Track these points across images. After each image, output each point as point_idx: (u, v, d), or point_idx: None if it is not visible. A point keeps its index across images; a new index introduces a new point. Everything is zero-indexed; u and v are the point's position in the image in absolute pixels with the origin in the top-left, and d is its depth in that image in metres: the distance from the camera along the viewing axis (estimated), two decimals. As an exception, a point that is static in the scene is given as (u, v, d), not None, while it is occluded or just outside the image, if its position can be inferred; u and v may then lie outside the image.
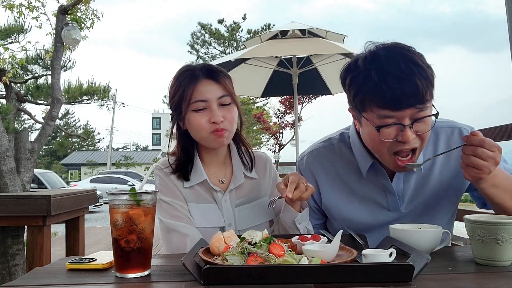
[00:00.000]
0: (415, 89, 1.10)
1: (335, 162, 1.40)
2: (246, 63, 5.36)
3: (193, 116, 1.33)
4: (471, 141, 1.10)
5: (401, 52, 1.15)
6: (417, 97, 1.11)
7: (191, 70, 1.37)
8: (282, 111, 18.52)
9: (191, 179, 1.39)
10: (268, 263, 0.91)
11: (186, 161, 1.40)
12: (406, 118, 1.14)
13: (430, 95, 1.13)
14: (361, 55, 1.20)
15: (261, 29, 21.07)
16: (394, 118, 1.14)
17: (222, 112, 1.33)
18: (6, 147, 3.62)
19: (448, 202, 1.38)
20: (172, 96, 1.38)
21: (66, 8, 4.33)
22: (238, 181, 1.42)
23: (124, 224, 0.96)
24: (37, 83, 5.11)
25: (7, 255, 3.50)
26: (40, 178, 12.65)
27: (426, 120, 1.16)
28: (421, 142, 1.20)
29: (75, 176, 36.64)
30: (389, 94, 1.11)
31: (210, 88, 1.34)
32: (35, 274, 1.01)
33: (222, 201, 1.39)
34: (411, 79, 1.10)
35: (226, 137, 1.35)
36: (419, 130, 1.16)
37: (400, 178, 1.33)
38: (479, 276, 0.93)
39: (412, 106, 1.12)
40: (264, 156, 1.53)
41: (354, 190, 1.37)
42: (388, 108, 1.13)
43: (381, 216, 1.36)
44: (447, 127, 1.36)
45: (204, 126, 1.32)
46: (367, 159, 1.33)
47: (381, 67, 1.13)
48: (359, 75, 1.17)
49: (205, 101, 1.32)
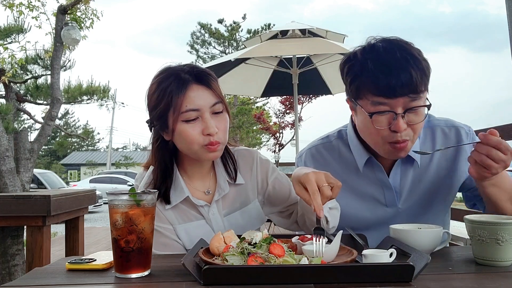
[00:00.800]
0: (409, 78, 1.12)
1: (332, 159, 1.41)
2: (246, 63, 5.37)
3: (184, 127, 1.19)
4: (488, 140, 1.08)
5: (399, 44, 1.18)
6: (411, 86, 1.13)
7: (177, 73, 1.21)
8: (282, 111, 18.54)
9: (171, 199, 1.27)
10: (268, 263, 0.91)
11: (165, 178, 1.27)
12: (399, 107, 1.16)
13: (424, 86, 1.15)
14: (360, 47, 1.24)
15: (261, 29, 21.07)
16: (387, 106, 1.16)
17: (215, 121, 1.21)
18: (5, 147, 3.62)
19: (442, 201, 1.38)
20: (155, 104, 1.21)
21: (66, 7, 4.33)
22: (223, 191, 1.32)
23: (123, 224, 0.96)
24: (37, 83, 5.11)
25: (7, 255, 3.50)
26: (39, 178, 12.65)
27: (418, 111, 1.18)
28: (413, 134, 1.20)
29: (74, 176, 36.63)
30: (384, 81, 1.14)
31: (201, 94, 1.20)
32: (35, 274, 1.01)
33: (209, 215, 1.31)
34: (406, 69, 1.13)
35: (220, 149, 1.24)
36: (411, 120, 1.18)
37: (397, 173, 1.34)
38: (479, 276, 0.93)
39: (405, 95, 1.14)
40: (249, 156, 1.39)
41: (352, 186, 1.37)
42: (382, 95, 1.15)
43: (379, 212, 1.36)
44: (445, 125, 1.37)
45: (196, 139, 1.19)
46: (363, 154, 1.34)
47: (377, 56, 1.17)
48: (356, 64, 1.20)
49: (197, 110, 1.19)
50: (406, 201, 1.36)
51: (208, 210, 1.31)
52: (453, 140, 1.34)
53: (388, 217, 1.35)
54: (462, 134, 1.35)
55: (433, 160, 1.35)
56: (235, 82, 5.78)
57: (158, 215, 1.21)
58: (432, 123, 1.37)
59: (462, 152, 1.34)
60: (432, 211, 1.38)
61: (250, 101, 19.70)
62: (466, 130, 1.36)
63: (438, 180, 1.35)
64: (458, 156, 1.35)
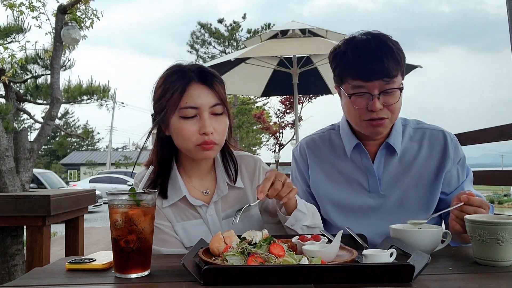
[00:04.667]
0: (383, 65, 1.30)
1: (324, 146, 1.56)
2: (246, 62, 5.36)
3: (181, 123, 1.22)
4: (472, 202, 1.16)
5: (376, 36, 1.36)
6: (384, 72, 1.30)
7: (183, 70, 1.26)
8: (282, 111, 18.55)
9: (169, 197, 1.29)
10: (268, 263, 0.91)
11: (163, 174, 1.30)
12: (375, 89, 1.33)
13: (396, 71, 1.32)
14: (344, 39, 1.42)
15: (261, 28, 21.08)
16: (364, 88, 1.34)
17: (213, 123, 1.22)
18: (5, 147, 3.61)
19: (427, 197, 1.45)
20: (158, 98, 1.26)
21: (66, 7, 4.33)
22: (221, 192, 1.33)
23: (123, 224, 0.96)
24: (37, 82, 5.10)
25: (7, 255, 3.49)
26: (39, 178, 12.64)
27: (393, 94, 1.34)
28: (391, 114, 1.36)
29: (74, 176, 36.62)
30: (361, 67, 1.33)
31: (202, 93, 1.23)
32: (35, 274, 1.01)
33: (207, 215, 1.31)
34: (380, 57, 1.31)
35: (214, 150, 1.26)
36: (387, 101, 1.34)
37: (381, 161, 1.46)
38: (479, 276, 0.93)
39: (379, 78, 1.31)
40: (252, 162, 1.41)
41: (340, 170, 1.51)
42: (359, 79, 1.33)
43: (363, 197, 1.47)
44: (433, 129, 1.51)
45: (191, 137, 1.22)
46: (352, 140, 1.48)
47: (356, 46, 1.36)
48: (339, 53, 1.39)
49: (196, 108, 1.22)
50: (388, 189, 1.45)
51: (206, 210, 1.32)
52: (440, 140, 1.47)
53: (371, 203, 1.46)
54: (447, 138, 1.47)
55: (419, 158, 1.46)
56: (235, 82, 5.77)
57: (157, 213, 1.22)
58: (423, 126, 1.52)
59: (447, 158, 1.45)
60: (415, 203, 1.44)
61: (250, 101, 19.70)
62: (451, 136, 1.49)
63: (423, 177, 1.45)
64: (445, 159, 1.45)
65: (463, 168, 1.46)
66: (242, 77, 5.60)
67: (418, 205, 1.44)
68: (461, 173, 1.46)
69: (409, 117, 1.56)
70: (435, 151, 1.46)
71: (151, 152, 1.35)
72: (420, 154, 1.46)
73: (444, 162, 1.44)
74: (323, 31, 5.14)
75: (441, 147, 1.46)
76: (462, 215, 1.14)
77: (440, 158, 1.45)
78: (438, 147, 1.46)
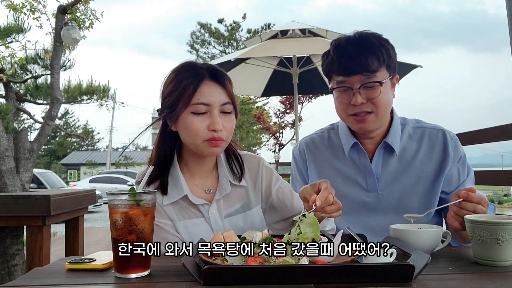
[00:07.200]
0: (361, 59, 1.34)
1: (323, 145, 1.58)
2: (246, 62, 5.35)
3: (191, 119, 1.23)
4: (471, 198, 1.15)
5: (361, 34, 1.40)
6: (362, 66, 1.34)
7: (195, 68, 1.27)
8: (282, 111, 18.54)
9: (169, 195, 1.29)
10: (268, 263, 0.91)
11: (163, 169, 1.30)
12: (356, 84, 1.36)
13: (376, 66, 1.35)
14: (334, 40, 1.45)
15: (261, 28, 21.06)
16: (346, 83, 1.38)
17: (222, 120, 1.24)
18: (5, 147, 3.61)
19: (426, 196, 1.44)
20: (169, 92, 1.26)
21: (66, 7, 4.33)
22: (224, 190, 1.33)
23: (123, 224, 0.96)
24: (37, 82, 5.10)
25: (7, 255, 3.49)
26: (39, 178, 12.65)
27: (375, 88, 1.36)
28: (376, 108, 1.38)
29: (74, 176, 36.61)
30: (340, 62, 1.38)
31: (214, 91, 1.25)
32: (35, 274, 1.00)
33: (209, 214, 1.31)
34: (358, 52, 1.35)
35: (221, 147, 1.27)
36: (369, 95, 1.37)
37: (379, 160, 1.47)
38: (479, 276, 0.93)
39: (359, 73, 1.35)
40: (255, 162, 1.41)
41: (338, 169, 1.52)
42: (341, 75, 1.38)
43: (362, 196, 1.47)
44: (433, 128, 1.51)
45: (201, 132, 1.22)
46: (350, 139, 1.50)
47: (339, 45, 1.40)
48: (326, 53, 1.45)
49: (207, 105, 1.23)
50: (386, 188, 1.46)
51: (208, 209, 1.32)
52: (440, 139, 1.47)
53: (370, 202, 1.46)
54: (447, 137, 1.47)
55: (418, 158, 1.46)
56: (235, 82, 5.65)
57: (158, 211, 1.21)
58: (423, 125, 1.52)
59: (447, 157, 1.44)
60: (414, 202, 1.44)
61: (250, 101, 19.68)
62: (451, 135, 1.48)
63: (422, 177, 1.45)
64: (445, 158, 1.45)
65: (463, 166, 1.46)
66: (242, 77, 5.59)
67: (417, 204, 1.44)
68: (462, 172, 1.46)
69: (409, 117, 1.56)
70: (435, 150, 1.46)
71: (155, 146, 1.35)
72: (419, 153, 1.46)
73: (444, 161, 1.44)
74: (323, 31, 5.14)
75: (441, 146, 1.46)
76: (461, 211, 1.14)
77: (440, 157, 1.45)
78: (437, 146, 1.46)
